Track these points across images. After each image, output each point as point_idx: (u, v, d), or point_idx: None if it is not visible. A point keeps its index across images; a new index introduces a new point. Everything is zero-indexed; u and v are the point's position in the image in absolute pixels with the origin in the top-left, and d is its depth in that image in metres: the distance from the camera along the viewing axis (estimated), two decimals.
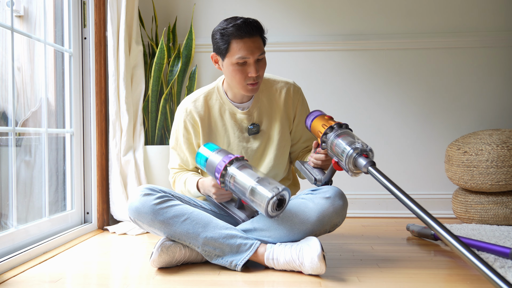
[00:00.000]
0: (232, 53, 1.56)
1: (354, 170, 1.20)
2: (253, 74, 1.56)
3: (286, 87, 1.76)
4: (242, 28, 1.53)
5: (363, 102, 2.69)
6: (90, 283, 1.41)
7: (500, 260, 1.54)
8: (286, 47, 2.69)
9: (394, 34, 2.68)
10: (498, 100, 2.66)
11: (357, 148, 1.18)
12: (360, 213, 2.67)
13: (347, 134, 1.27)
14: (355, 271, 1.48)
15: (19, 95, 1.95)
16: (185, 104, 1.73)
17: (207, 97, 1.73)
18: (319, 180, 1.45)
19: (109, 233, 2.20)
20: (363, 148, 1.17)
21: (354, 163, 1.18)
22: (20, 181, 1.89)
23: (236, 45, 1.54)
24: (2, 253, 1.61)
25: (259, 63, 1.59)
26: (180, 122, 1.73)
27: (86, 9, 2.27)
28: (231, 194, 1.59)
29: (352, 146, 1.18)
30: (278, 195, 1.36)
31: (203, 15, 2.72)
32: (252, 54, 1.55)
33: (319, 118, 1.42)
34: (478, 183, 2.23)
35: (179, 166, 1.78)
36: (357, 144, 1.19)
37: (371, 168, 1.11)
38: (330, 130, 1.31)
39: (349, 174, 1.22)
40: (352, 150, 1.17)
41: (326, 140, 1.31)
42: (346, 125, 1.32)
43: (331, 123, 1.35)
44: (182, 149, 1.75)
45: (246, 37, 1.54)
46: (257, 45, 1.56)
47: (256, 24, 1.58)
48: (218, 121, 1.72)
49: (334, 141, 1.27)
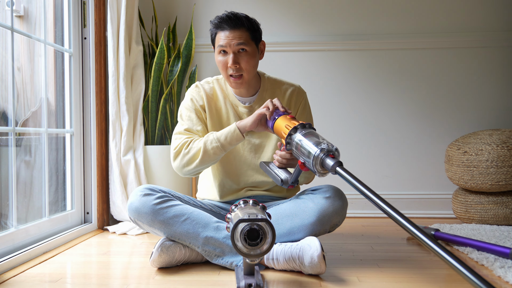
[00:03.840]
0: (216, 43, 1.65)
1: (321, 171, 1.19)
2: (230, 64, 1.60)
3: (291, 88, 1.77)
4: (224, 19, 1.62)
5: (363, 102, 2.69)
6: (90, 283, 1.41)
7: (500, 260, 1.54)
8: (286, 47, 2.69)
9: (394, 34, 2.68)
10: (498, 100, 2.66)
11: (324, 148, 1.17)
12: (360, 213, 2.67)
13: (312, 134, 1.25)
14: (355, 271, 1.48)
15: (19, 95, 1.95)
16: (197, 83, 1.79)
17: (216, 84, 1.77)
18: (285, 181, 1.42)
19: (109, 233, 2.20)
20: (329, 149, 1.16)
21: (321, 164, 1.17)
22: (20, 181, 1.89)
23: (218, 35, 1.64)
24: (2, 253, 1.61)
25: (241, 55, 1.62)
26: (191, 93, 1.75)
27: (86, 9, 2.27)
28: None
29: (319, 146, 1.17)
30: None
31: (203, 15, 2.72)
32: (229, 44, 1.60)
33: (282, 118, 1.39)
34: (478, 183, 2.23)
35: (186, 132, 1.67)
36: (323, 145, 1.17)
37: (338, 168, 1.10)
38: (294, 131, 1.29)
39: (317, 175, 1.21)
40: (319, 151, 1.16)
41: (291, 141, 1.30)
42: (310, 125, 1.31)
43: (295, 123, 1.33)
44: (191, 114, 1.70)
45: (227, 29, 1.61)
46: (237, 36, 1.61)
47: (239, 17, 1.62)
48: (222, 107, 1.74)
49: (299, 142, 1.26)
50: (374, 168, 2.68)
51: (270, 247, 1.22)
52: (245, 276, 1.31)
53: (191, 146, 1.60)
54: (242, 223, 1.20)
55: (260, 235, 1.21)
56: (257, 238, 1.21)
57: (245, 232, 1.20)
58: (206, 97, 1.73)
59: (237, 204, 1.35)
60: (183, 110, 1.73)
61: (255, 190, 1.75)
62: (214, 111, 1.73)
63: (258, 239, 1.21)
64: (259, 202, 1.39)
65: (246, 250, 1.21)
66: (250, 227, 1.20)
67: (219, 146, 1.56)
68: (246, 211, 1.26)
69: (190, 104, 1.72)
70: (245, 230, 1.20)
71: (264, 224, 1.21)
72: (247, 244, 1.21)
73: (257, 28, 1.67)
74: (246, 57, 1.62)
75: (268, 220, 1.21)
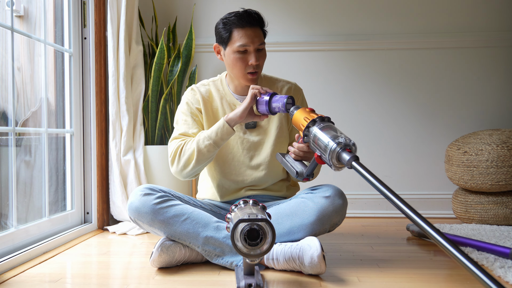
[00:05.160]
0: (233, 41, 1.61)
1: (337, 164, 1.18)
2: (253, 62, 1.61)
3: (288, 85, 1.79)
4: (243, 17, 1.60)
5: (363, 101, 2.69)
6: (90, 283, 1.41)
7: (500, 260, 1.54)
8: (286, 47, 2.69)
9: (394, 34, 2.68)
10: (498, 100, 2.66)
11: (341, 142, 1.16)
12: (360, 213, 2.67)
13: (330, 127, 1.25)
14: (355, 271, 1.48)
15: (19, 95, 1.95)
16: (193, 86, 1.79)
17: (212, 85, 1.77)
18: (300, 173, 1.42)
19: (109, 233, 2.20)
20: (347, 143, 1.16)
21: (337, 158, 1.16)
22: (20, 181, 1.89)
23: (237, 34, 1.61)
24: (2, 253, 1.61)
25: (259, 53, 1.64)
26: (187, 97, 1.75)
27: (86, 9, 2.27)
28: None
29: (336, 140, 1.17)
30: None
31: (203, 15, 2.72)
32: (253, 42, 1.60)
33: (301, 110, 1.39)
34: (478, 183, 2.23)
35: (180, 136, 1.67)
36: (340, 139, 1.17)
37: (354, 163, 1.09)
38: (313, 124, 1.29)
39: (332, 169, 1.20)
40: (336, 145, 1.16)
41: (309, 133, 1.30)
42: (329, 118, 1.30)
43: (314, 116, 1.33)
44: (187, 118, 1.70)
45: (247, 26, 1.60)
46: (258, 34, 1.62)
47: (257, 15, 1.64)
48: (219, 107, 1.74)
49: (316, 134, 1.25)
50: (374, 167, 2.68)
51: (270, 247, 1.21)
52: (245, 276, 1.31)
53: (185, 148, 1.61)
54: (242, 223, 1.20)
55: (260, 235, 1.21)
56: (257, 238, 1.21)
57: (245, 232, 1.20)
58: (202, 99, 1.73)
59: (237, 204, 1.35)
60: (179, 115, 1.74)
61: (255, 190, 1.75)
62: (211, 113, 1.73)
63: (258, 239, 1.21)
64: (259, 202, 1.39)
65: (246, 250, 1.21)
66: (250, 227, 1.20)
67: (211, 143, 1.57)
68: (246, 211, 1.26)
69: (186, 107, 1.72)
70: (245, 230, 1.20)
71: (264, 224, 1.21)
72: (247, 244, 1.20)
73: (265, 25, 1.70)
74: (263, 55, 1.66)
75: (268, 220, 1.21)
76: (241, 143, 1.72)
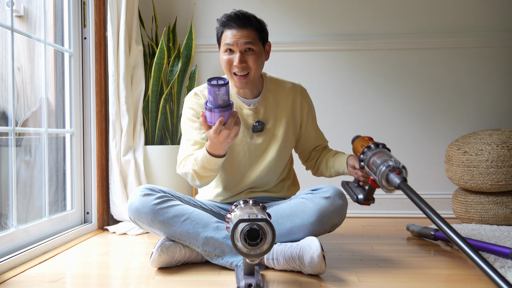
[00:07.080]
0: (222, 41, 1.63)
1: (387, 186, 1.25)
2: (236, 63, 1.58)
3: (294, 88, 1.78)
4: (232, 18, 1.61)
5: (363, 101, 2.69)
6: (90, 283, 1.41)
7: (500, 260, 1.54)
8: (286, 47, 2.69)
9: (394, 34, 2.68)
10: (498, 100, 2.66)
11: (390, 165, 1.23)
12: (360, 213, 2.67)
13: (383, 152, 1.34)
14: (355, 271, 1.48)
15: (19, 95, 1.95)
16: (195, 89, 1.74)
17: None
18: (360, 200, 1.50)
19: (109, 233, 2.20)
20: (395, 166, 1.22)
21: (386, 179, 1.22)
22: (20, 181, 1.89)
23: (225, 34, 1.62)
24: (2, 253, 1.61)
25: (248, 55, 1.60)
26: (190, 102, 1.71)
27: (86, 9, 2.27)
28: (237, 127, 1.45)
29: (385, 163, 1.23)
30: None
31: (203, 15, 2.72)
32: (236, 43, 1.59)
33: (359, 139, 1.51)
34: (478, 183, 2.23)
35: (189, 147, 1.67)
36: (390, 162, 1.24)
37: (401, 184, 1.15)
38: (368, 149, 1.38)
39: (384, 191, 1.27)
40: (385, 167, 1.22)
41: (364, 158, 1.37)
42: (384, 145, 1.38)
43: (369, 143, 1.43)
44: (194, 124, 1.68)
45: (234, 28, 1.59)
46: (245, 35, 1.59)
47: (248, 16, 1.62)
48: None
49: (370, 159, 1.32)
50: None
51: (270, 247, 1.22)
52: (245, 276, 1.31)
53: (187, 171, 1.59)
54: (242, 223, 1.20)
55: (260, 235, 1.21)
56: (257, 238, 1.21)
57: (245, 232, 1.20)
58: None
59: (237, 204, 1.35)
60: (184, 122, 1.70)
61: (256, 192, 1.75)
62: None
63: (258, 239, 1.21)
64: (259, 202, 1.39)
65: (246, 250, 1.21)
66: (250, 227, 1.20)
67: (205, 168, 1.53)
68: (246, 211, 1.26)
69: (192, 113, 1.69)
70: (245, 230, 1.20)
71: (264, 224, 1.21)
72: (247, 244, 1.21)
73: (264, 28, 1.66)
74: (253, 56, 1.61)
75: (268, 220, 1.21)
76: (248, 149, 1.69)
